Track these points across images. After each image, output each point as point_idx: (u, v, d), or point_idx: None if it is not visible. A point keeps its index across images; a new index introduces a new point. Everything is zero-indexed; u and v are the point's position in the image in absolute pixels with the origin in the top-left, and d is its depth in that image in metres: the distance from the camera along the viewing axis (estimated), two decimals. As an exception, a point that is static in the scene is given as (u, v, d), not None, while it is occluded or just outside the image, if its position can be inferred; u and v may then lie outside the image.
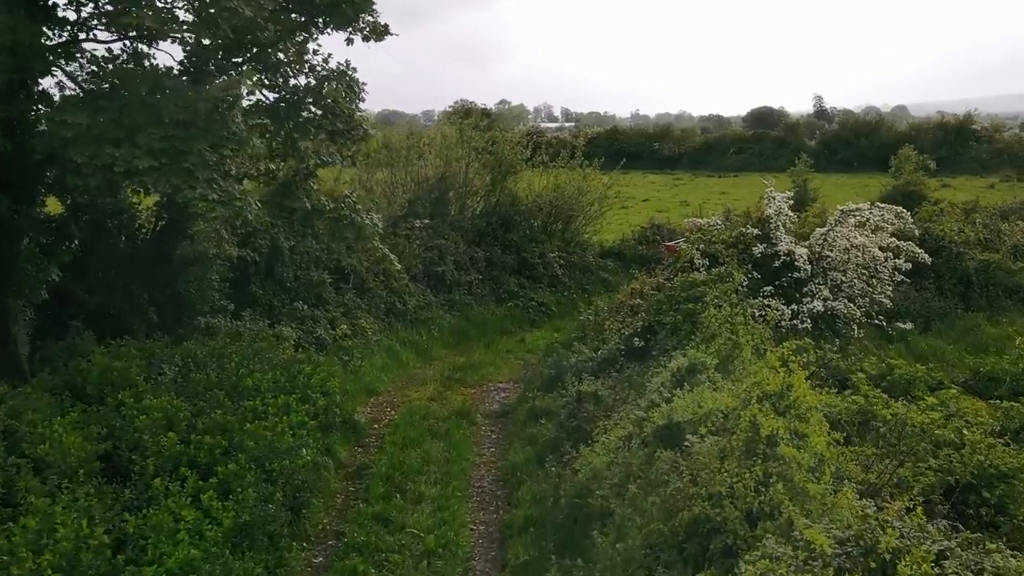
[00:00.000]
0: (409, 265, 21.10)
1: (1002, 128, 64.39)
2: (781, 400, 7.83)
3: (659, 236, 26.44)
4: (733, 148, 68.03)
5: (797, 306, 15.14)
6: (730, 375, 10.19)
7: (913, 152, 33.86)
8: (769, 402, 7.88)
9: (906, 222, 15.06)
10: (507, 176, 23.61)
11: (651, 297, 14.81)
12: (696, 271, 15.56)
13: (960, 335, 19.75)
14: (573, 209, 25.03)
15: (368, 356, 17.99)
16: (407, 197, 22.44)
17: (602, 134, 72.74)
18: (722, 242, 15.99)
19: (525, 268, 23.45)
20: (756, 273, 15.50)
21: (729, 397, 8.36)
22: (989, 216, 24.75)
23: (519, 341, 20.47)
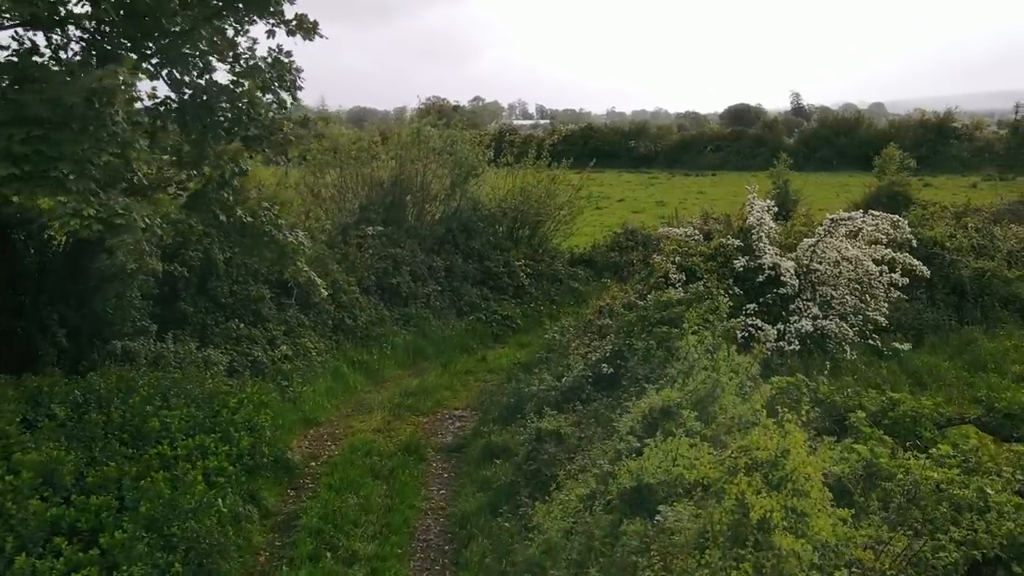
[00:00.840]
0: (360, 277, 19.50)
1: (982, 126, 63.58)
2: (775, 470, 6.33)
3: (633, 242, 24.96)
4: (710, 146, 66.97)
5: (783, 325, 13.70)
6: (711, 421, 8.69)
7: (897, 151, 32.63)
8: (760, 472, 6.37)
9: (903, 232, 13.61)
10: (468, 179, 22.03)
11: (621, 317, 13.30)
12: (672, 287, 14.07)
13: (956, 350, 18.39)
14: (540, 214, 23.49)
15: (311, 380, 16.37)
16: (359, 202, 20.79)
17: (576, 132, 71.42)
18: (700, 255, 14.51)
19: (488, 278, 21.90)
20: (738, 289, 14.04)
21: (711, 466, 6.84)
22: (982, 220, 23.41)
23: (480, 360, 18.89)
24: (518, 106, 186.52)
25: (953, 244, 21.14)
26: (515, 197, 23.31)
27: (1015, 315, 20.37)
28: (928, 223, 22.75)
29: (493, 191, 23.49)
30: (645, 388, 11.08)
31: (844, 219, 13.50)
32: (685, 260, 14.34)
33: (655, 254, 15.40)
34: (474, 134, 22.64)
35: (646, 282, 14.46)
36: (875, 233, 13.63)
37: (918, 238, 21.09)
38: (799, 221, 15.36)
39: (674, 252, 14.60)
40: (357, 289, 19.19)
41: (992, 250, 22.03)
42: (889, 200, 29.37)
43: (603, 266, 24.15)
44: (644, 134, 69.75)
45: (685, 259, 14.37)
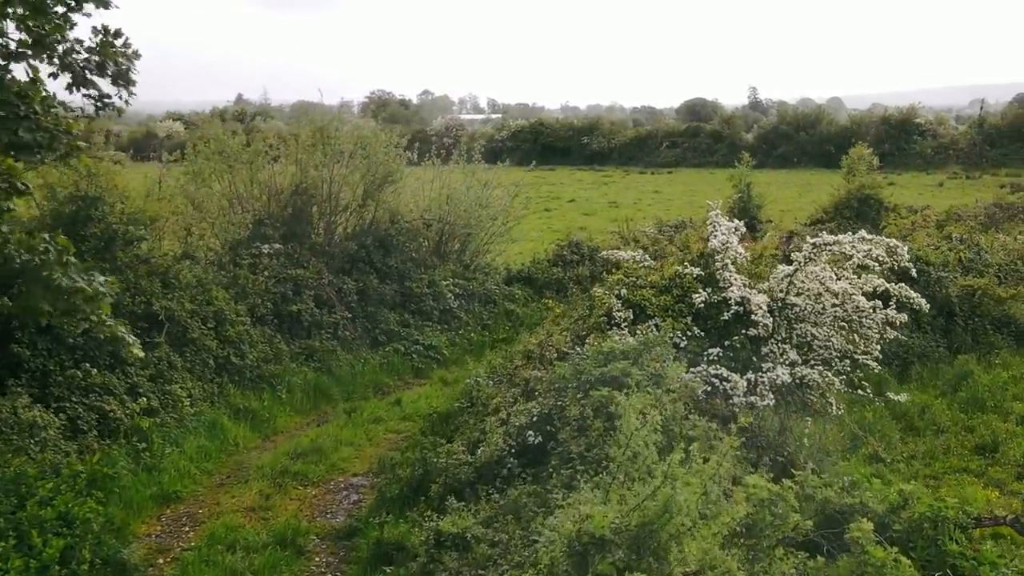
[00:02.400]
0: (253, 304, 16.61)
1: (945, 122, 62.13)
2: None
3: (578, 255, 22.32)
4: (666, 142, 64.80)
5: (754, 375, 11.11)
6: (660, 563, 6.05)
7: (867, 151, 30.39)
8: None
9: (902, 259, 11.09)
10: (384, 186, 19.20)
11: (552, 369, 10.62)
12: (616, 327, 11.43)
13: (949, 385, 16.03)
14: (471, 225, 20.72)
15: (179, 439, 13.50)
16: (253, 215, 17.88)
17: (526, 127, 68.82)
18: (651, 286, 11.87)
19: (410, 301, 19.11)
20: (698, 329, 11.44)
21: None
22: (966, 229, 21.13)
23: (394, 403, 16.09)
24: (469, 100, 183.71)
25: (938, 258, 18.84)
26: (441, 206, 20.52)
27: (1009, 339, 18.10)
28: (909, 234, 20.45)
29: (415, 199, 20.67)
30: (576, 480, 8.45)
31: (828, 243, 10.92)
32: (633, 293, 11.69)
33: (596, 285, 12.71)
34: (389, 133, 19.73)
35: (585, 320, 11.79)
36: (866, 259, 11.09)
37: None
38: (770, 244, 12.75)
39: (619, 283, 11.94)
40: (248, 319, 16.30)
41: (980, 264, 19.78)
42: (860, 204, 27.07)
43: (544, 284, 21.46)
44: (597, 129, 67.27)
45: (632, 291, 11.72)
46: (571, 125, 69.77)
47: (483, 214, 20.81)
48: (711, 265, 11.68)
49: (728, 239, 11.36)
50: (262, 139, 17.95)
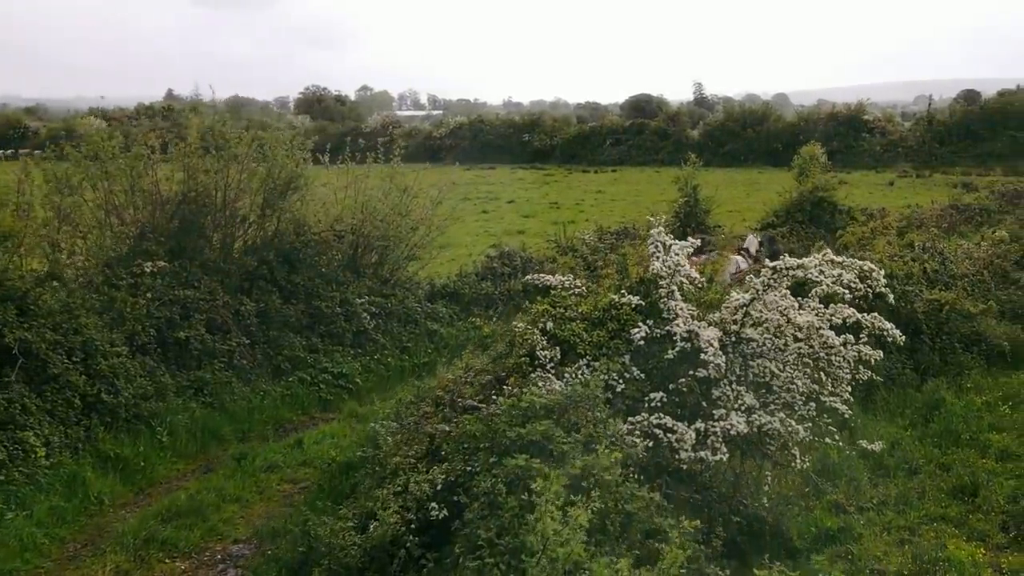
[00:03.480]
0: (132, 331, 14.56)
1: (892, 118, 61.65)
2: None
3: (509, 267, 20.54)
4: (610, 139, 63.31)
5: (704, 424, 9.42)
6: None
7: (820, 150, 29.12)
8: None
9: (877, 284, 9.48)
10: (288, 193, 17.21)
11: (462, 425, 8.83)
12: (540, 368, 9.68)
13: (920, 415, 14.63)
14: (389, 236, 18.80)
15: (28, 498, 11.47)
16: (132, 228, 15.80)
17: (465, 124, 66.89)
18: (583, 318, 10.13)
19: (319, 323, 17.17)
20: (637, 370, 9.73)
21: None
22: (929, 236, 19.77)
23: (294, 445, 14.15)
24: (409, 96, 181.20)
25: (902, 270, 17.43)
26: (355, 215, 18.57)
27: (980, 359, 16.75)
28: (869, 243, 19.05)
29: (325, 208, 18.69)
30: None
31: (791, 267, 9.26)
32: (560, 327, 9.93)
33: (518, 315, 10.93)
34: (291, 133, 17.74)
35: (503, 360, 10.00)
36: (835, 285, 9.48)
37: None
38: (718, 266, 10.99)
39: (544, 314, 10.16)
40: (125, 350, 14.25)
41: (946, 275, 18.44)
42: (813, 208, 25.78)
43: (472, 299, 19.60)
44: (539, 126, 65.57)
45: (560, 325, 9.96)
46: (512, 122, 68.02)
47: (403, 224, 18.89)
48: (653, 293, 9.97)
49: (674, 261, 9.65)
50: (143, 141, 15.79)
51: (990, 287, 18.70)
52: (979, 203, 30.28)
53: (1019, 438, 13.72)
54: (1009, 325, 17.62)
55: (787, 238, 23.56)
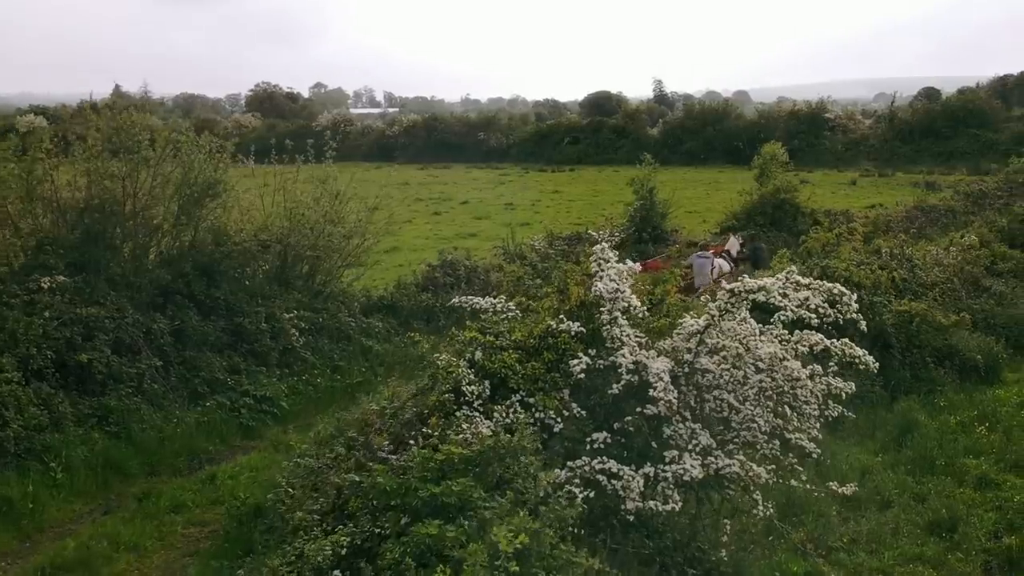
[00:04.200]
0: (26, 355, 13.17)
1: (855, 117, 61.24)
2: None
3: (452, 277, 19.31)
4: (568, 138, 62.25)
5: (654, 468, 8.30)
6: None
7: (781, 149, 28.23)
8: None
9: (849, 309, 8.41)
10: (206, 199, 15.86)
11: (373, 476, 7.61)
12: (466, 406, 8.49)
13: (891, 438, 13.69)
14: (319, 246, 17.47)
15: None
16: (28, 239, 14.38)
17: (419, 122, 65.52)
18: (517, 346, 8.95)
19: (242, 341, 15.86)
20: (578, 407, 8.59)
21: None
22: (897, 243, 18.86)
23: (206, 480, 12.84)
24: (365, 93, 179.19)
25: (869, 279, 16.47)
26: (283, 223, 17.25)
27: (952, 373, 15.87)
28: (833, 249, 18.08)
29: (249, 215, 17.34)
30: None
31: (751, 290, 8.16)
32: (490, 358, 8.74)
33: (443, 345, 9.71)
34: (207, 136, 16.35)
35: (424, 398, 8.79)
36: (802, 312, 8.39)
37: (825, 273, 16.44)
38: (674, 286, 9.85)
39: (472, 342, 8.97)
40: (18, 375, 12.86)
41: (915, 284, 17.53)
42: (775, 210, 24.88)
43: (411, 312, 18.35)
44: (495, 124, 64.39)
45: (490, 355, 8.78)
46: (467, 120, 66.77)
47: (335, 232, 17.57)
48: (595, 318, 8.82)
49: (618, 286, 8.50)
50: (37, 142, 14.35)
51: (961, 296, 17.86)
52: (945, 204, 29.62)
53: (997, 463, 12.84)
54: (982, 337, 16.77)
55: (746, 245, 22.69)
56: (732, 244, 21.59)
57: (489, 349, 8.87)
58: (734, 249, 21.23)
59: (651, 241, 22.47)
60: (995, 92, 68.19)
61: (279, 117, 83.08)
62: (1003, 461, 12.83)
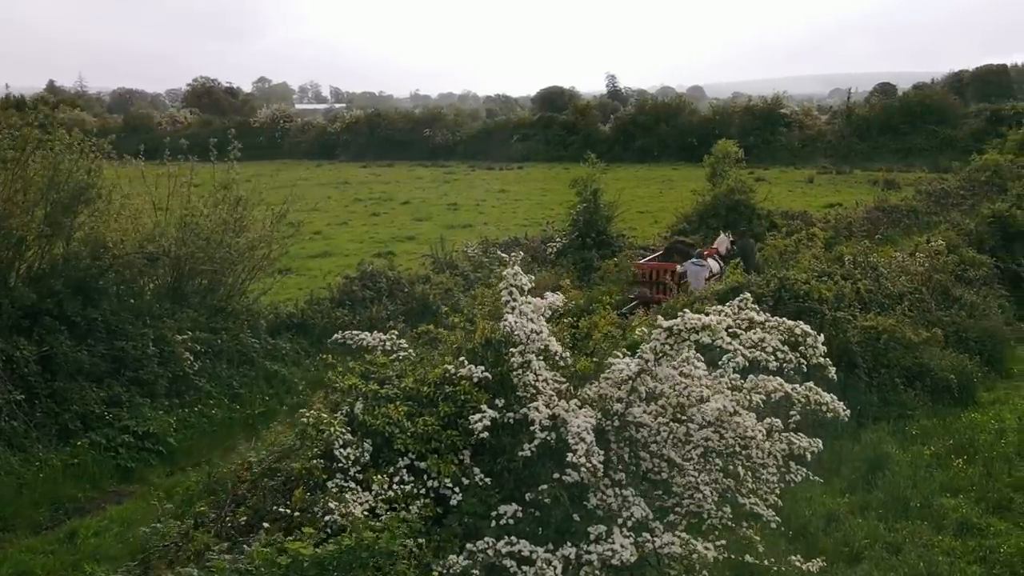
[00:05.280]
0: None
1: (811, 113, 60.42)
2: None
3: (372, 290, 17.55)
4: (517, 135, 60.66)
5: (575, 548, 6.70)
6: None
7: (735, 147, 26.86)
8: None
9: (815, 353, 6.85)
10: (78, 205, 13.96)
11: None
12: (342, 473, 6.83)
13: (860, 476, 12.28)
14: (216, 259, 15.62)
15: None
16: None
17: (362, 119, 63.59)
18: (406, 396, 7.29)
19: (124, 367, 14.04)
20: (481, 473, 6.97)
21: None
22: (860, 250, 17.48)
23: (64, 539, 11.07)
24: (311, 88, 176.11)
25: (832, 292, 15.07)
26: (176, 232, 15.39)
27: (924, 395, 14.56)
28: (792, 257, 16.69)
29: (135, 223, 15.43)
30: None
31: (694, 327, 6.57)
32: (372, 411, 7.09)
33: (315, 398, 8.02)
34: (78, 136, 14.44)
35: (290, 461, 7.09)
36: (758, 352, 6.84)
37: (784, 286, 15.00)
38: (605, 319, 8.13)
39: (352, 391, 7.30)
40: None
41: (881, 296, 16.17)
42: (729, 212, 23.50)
43: (324, 331, 16.57)
44: (440, 121, 62.59)
45: (373, 408, 7.12)
46: (412, 116, 64.86)
47: (237, 243, 15.73)
48: (504, 361, 7.19)
49: (532, 322, 6.88)
50: None
51: (930, 308, 16.55)
52: (906, 204, 28.50)
53: (978, 503, 11.59)
54: (955, 354, 15.49)
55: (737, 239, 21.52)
56: (721, 242, 20.61)
57: (373, 400, 7.20)
58: (723, 247, 20.14)
59: (595, 247, 20.93)
60: (951, 88, 67.97)
61: (218, 113, 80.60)
62: (985, 501, 11.57)
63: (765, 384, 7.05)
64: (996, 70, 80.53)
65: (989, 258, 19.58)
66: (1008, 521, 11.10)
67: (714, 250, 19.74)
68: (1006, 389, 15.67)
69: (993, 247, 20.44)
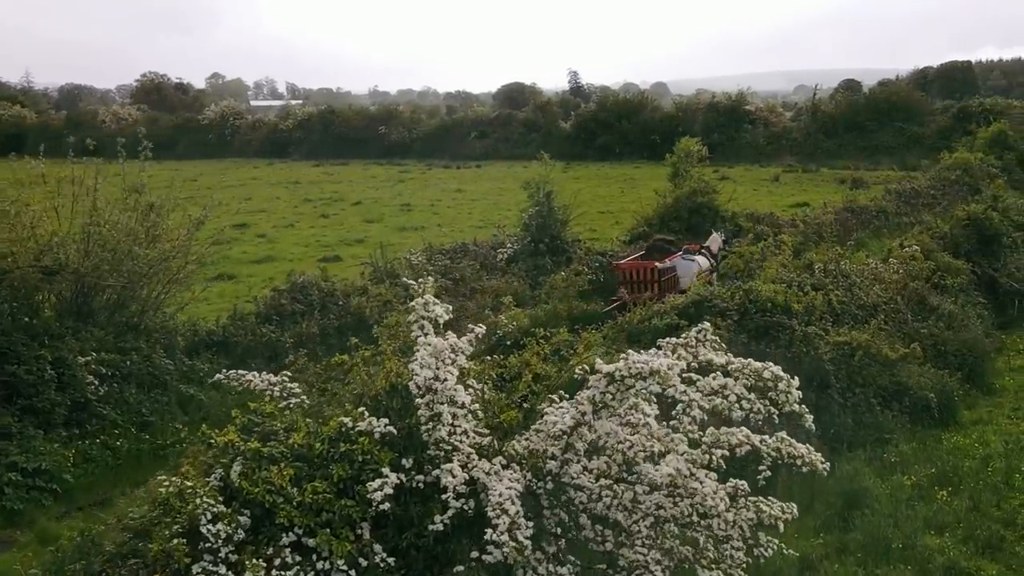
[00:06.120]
0: None
1: (776, 110, 59.76)
2: None
3: (303, 304, 16.21)
4: (475, 132, 59.42)
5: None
6: None
7: (698, 145, 25.80)
8: None
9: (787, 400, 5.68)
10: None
11: None
12: (211, 555, 5.56)
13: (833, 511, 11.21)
14: (127, 271, 14.20)
15: None
16: None
17: (314, 116, 62.07)
18: (294, 456, 6.03)
19: (16, 395, 12.68)
20: (383, 552, 5.75)
21: None
22: (831, 257, 16.43)
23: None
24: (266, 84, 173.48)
25: (801, 304, 14.00)
26: (79, 242, 13.96)
27: (903, 417, 13.54)
28: (759, 266, 15.62)
29: (31, 232, 13.98)
30: None
31: (640, 372, 5.39)
32: (252, 475, 5.83)
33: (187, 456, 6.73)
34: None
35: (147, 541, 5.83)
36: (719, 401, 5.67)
37: (749, 299, 13.91)
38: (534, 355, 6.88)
39: (228, 450, 6.04)
40: None
41: (854, 307, 15.14)
42: (691, 215, 22.44)
43: (248, 350, 15.24)
44: (396, 118, 61.14)
45: (253, 470, 5.87)
46: (367, 113, 63.29)
47: (148, 255, 14.31)
48: (410, 413, 5.96)
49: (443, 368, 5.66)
50: None
51: (907, 319, 15.54)
52: (876, 205, 27.61)
53: (966, 541, 10.61)
54: (934, 369, 14.49)
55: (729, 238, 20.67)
56: (714, 240, 20.00)
57: (253, 461, 5.94)
58: (715, 245, 19.28)
59: (549, 253, 19.74)
60: (916, 84, 67.72)
61: (167, 110, 78.55)
62: (972, 540, 10.55)
63: (728, 437, 5.88)
64: (961, 66, 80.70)
65: (965, 264, 18.67)
66: (999, 563, 10.10)
67: (704, 246, 19.03)
68: (988, 407, 14.73)
69: (969, 251, 19.54)
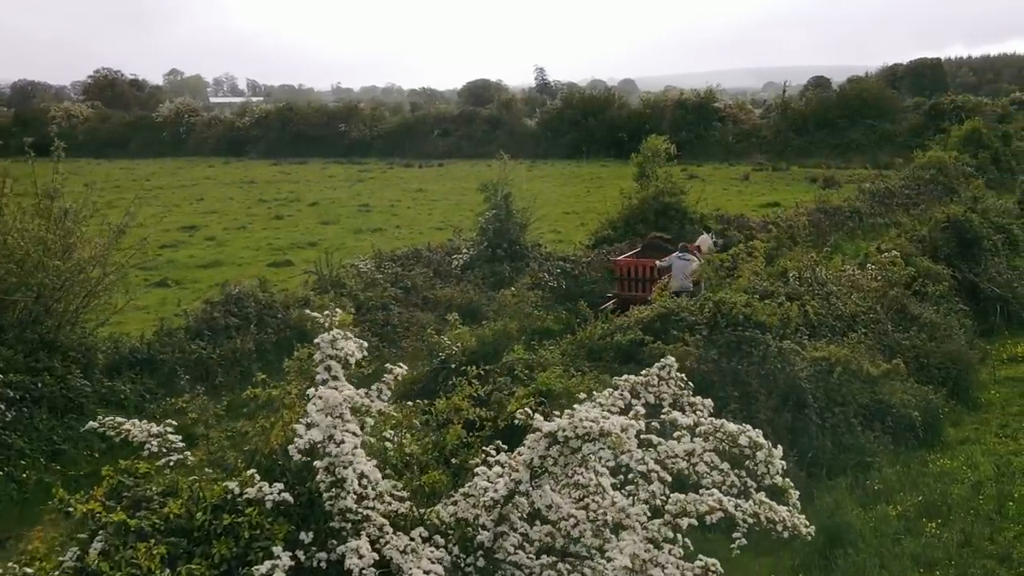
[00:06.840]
0: None
1: (745, 107, 59.19)
2: None
3: (239, 317, 15.08)
4: (438, 130, 58.33)
5: None
6: None
7: (665, 145, 24.89)
8: None
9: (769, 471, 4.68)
10: None
11: None
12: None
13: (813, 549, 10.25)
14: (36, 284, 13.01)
15: None
16: None
17: (272, 113, 60.67)
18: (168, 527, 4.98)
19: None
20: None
21: None
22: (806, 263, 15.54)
23: None
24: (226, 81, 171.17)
25: (775, 317, 13.08)
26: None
27: (885, 438, 12.67)
28: (729, 274, 14.71)
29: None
30: None
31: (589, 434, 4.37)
32: (115, 554, 4.79)
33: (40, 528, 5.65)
34: None
35: None
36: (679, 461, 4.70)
37: (720, 310, 12.99)
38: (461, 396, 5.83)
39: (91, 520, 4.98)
40: None
41: (832, 318, 14.27)
42: (658, 217, 21.54)
43: (176, 366, 14.08)
44: (356, 115, 59.89)
45: (116, 548, 4.82)
46: (325, 111, 61.96)
47: (61, 267, 13.11)
48: (311, 476, 4.91)
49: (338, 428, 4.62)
50: None
51: (887, 330, 14.69)
52: (849, 205, 26.90)
53: (958, 579, 9.63)
54: (917, 385, 13.63)
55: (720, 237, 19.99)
56: (704, 241, 19.55)
57: (117, 536, 4.88)
58: (705, 246, 18.86)
59: (508, 259, 18.73)
60: (886, 81, 67.47)
61: (122, 107, 76.76)
62: (966, 579, 9.62)
63: (697, 505, 4.89)
64: (931, 64, 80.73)
65: (946, 268, 17.89)
66: (998, 605, 9.26)
67: (695, 246, 18.39)
68: (975, 425, 13.91)
69: (949, 255, 18.77)
